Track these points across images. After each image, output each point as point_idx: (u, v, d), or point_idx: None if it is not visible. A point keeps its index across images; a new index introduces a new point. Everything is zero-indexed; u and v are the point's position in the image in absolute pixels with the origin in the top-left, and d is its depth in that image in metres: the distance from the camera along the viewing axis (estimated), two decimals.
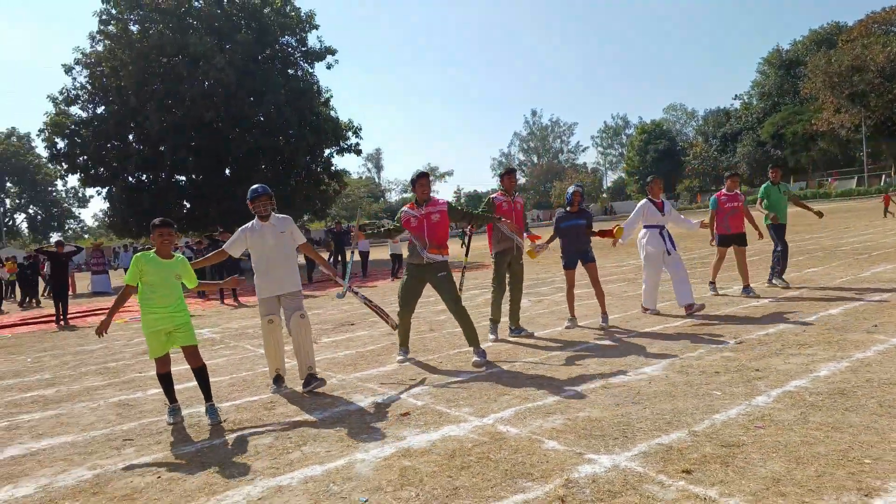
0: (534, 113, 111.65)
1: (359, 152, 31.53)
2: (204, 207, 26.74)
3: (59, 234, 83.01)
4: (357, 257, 17.56)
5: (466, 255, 7.08)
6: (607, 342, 6.00)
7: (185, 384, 5.29)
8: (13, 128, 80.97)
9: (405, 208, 5.84)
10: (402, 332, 5.94)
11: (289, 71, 29.46)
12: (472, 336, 5.56)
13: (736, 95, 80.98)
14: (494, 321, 6.62)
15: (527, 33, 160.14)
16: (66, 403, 5.37)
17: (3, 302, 18.13)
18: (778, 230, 8.54)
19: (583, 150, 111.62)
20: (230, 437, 4.04)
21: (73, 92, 27.90)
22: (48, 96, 27.26)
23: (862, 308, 6.50)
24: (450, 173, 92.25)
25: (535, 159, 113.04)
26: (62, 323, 11.65)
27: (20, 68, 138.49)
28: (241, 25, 27.09)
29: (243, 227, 5.26)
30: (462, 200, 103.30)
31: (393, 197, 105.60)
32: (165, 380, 4.54)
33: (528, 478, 2.97)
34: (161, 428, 4.37)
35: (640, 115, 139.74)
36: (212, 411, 4.46)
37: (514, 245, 6.46)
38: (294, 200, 27.19)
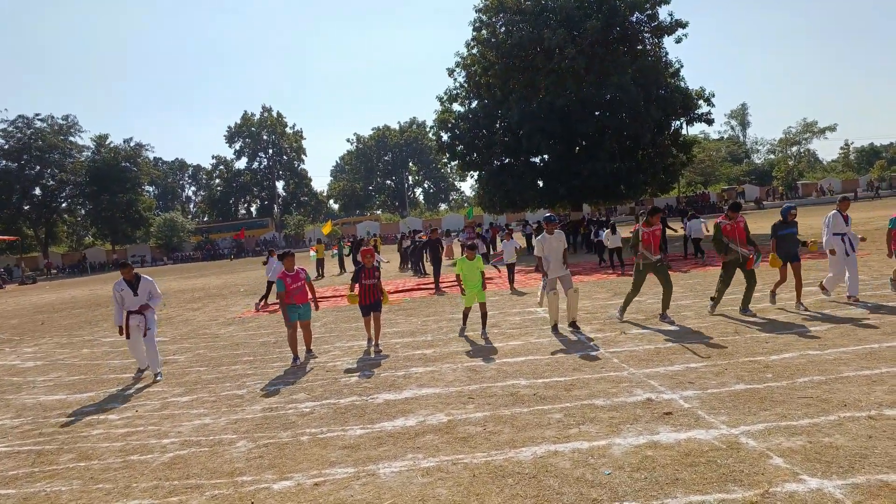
0: None
1: (710, 122, 30.37)
2: (554, 185, 29.42)
3: (445, 204, 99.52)
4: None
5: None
6: None
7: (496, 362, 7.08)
8: (413, 117, 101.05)
9: (642, 227, 9.13)
10: (626, 302, 9.52)
11: (637, 48, 29.83)
12: (667, 301, 9.12)
13: None
14: (715, 301, 9.25)
15: None
16: (438, 363, 7.71)
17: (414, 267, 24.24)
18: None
19: None
20: (535, 408, 5.59)
21: (453, 91, 33.50)
22: (437, 97, 33.39)
23: None
24: (832, 128, 78.59)
25: None
26: (436, 292, 15.23)
27: (416, 66, 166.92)
28: (591, 12, 28.50)
29: (540, 236, 9.19)
30: (851, 157, 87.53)
31: (758, 159, 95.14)
32: (465, 315, 9.64)
33: (738, 483, 3.74)
34: (492, 392, 6.19)
35: None
36: (483, 332, 9.22)
37: (739, 255, 9.00)
38: (637, 177, 27.82)
